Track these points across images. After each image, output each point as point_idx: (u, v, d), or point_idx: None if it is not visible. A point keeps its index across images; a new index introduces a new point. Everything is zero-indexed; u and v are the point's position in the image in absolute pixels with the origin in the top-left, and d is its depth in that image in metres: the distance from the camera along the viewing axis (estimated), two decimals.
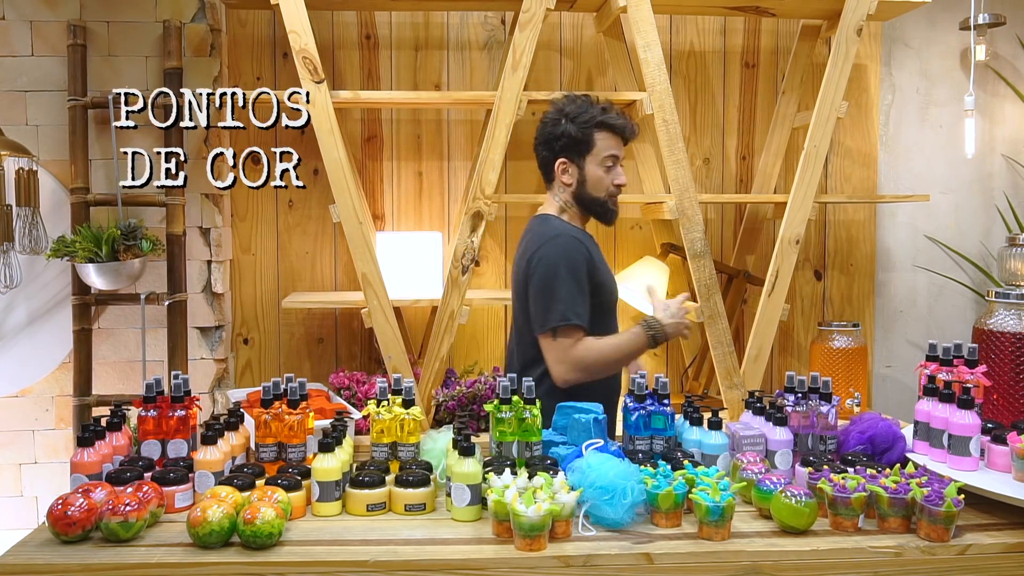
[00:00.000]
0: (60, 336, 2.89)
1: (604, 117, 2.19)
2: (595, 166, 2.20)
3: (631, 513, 1.56)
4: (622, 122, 2.22)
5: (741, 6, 2.93)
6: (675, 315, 2.16)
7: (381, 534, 1.55)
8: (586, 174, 2.21)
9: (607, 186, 2.21)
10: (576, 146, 2.20)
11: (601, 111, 2.21)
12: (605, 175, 2.21)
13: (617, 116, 2.22)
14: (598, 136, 2.19)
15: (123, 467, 1.69)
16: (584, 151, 2.20)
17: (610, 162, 2.20)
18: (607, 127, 2.19)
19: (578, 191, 2.23)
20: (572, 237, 2.15)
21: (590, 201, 2.23)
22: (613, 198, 2.24)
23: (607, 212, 2.25)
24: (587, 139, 2.19)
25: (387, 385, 1.99)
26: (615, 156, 2.21)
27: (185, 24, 2.87)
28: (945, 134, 3.30)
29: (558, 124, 2.22)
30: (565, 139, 2.21)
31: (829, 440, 1.82)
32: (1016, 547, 1.52)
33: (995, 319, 2.04)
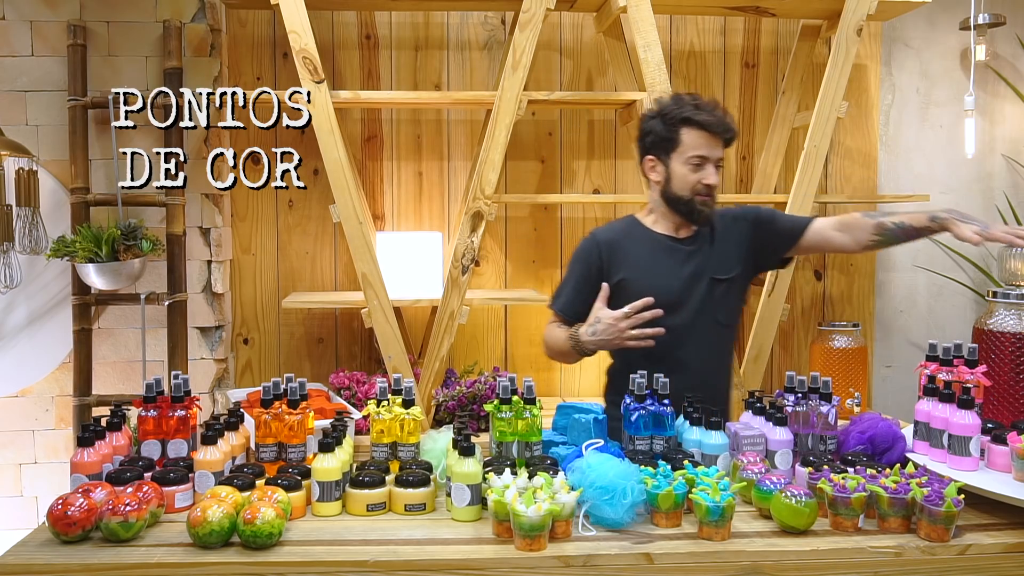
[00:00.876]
0: (60, 336, 2.89)
1: (692, 114, 2.11)
2: (681, 164, 2.12)
3: (631, 513, 1.56)
4: (712, 119, 2.11)
5: (741, 6, 2.93)
6: (598, 333, 2.07)
7: (381, 534, 1.55)
8: (672, 171, 2.15)
9: (692, 184, 2.12)
10: (662, 143, 2.15)
11: (693, 108, 2.12)
12: (691, 173, 2.12)
13: (708, 114, 2.11)
14: (685, 133, 2.11)
15: (123, 467, 1.69)
16: (670, 148, 2.14)
17: (697, 161, 2.11)
18: (695, 124, 2.11)
19: (664, 189, 2.17)
20: (593, 238, 2.24)
21: (676, 200, 2.15)
22: (701, 197, 2.13)
23: (694, 212, 2.15)
24: (673, 136, 2.13)
25: (387, 385, 1.99)
26: (703, 156, 2.11)
27: (185, 24, 2.87)
28: (945, 134, 3.30)
29: (650, 120, 2.18)
30: (652, 136, 2.17)
31: (829, 440, 1.82)
32: (1016, 547, 1.52)
33: (995, 319, 2.04)
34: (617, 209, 3.21)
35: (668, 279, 2.17)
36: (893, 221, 2.12)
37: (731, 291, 2.21)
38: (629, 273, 2.18)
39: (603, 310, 2.08)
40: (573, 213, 3.21)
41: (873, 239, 2.14)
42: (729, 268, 2.20)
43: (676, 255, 2.19)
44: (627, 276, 2.18)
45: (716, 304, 2.18)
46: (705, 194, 2.14)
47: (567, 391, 3.24)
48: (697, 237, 2.21)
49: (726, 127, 2.13)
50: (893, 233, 2.12)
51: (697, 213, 2.15)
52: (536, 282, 3.21)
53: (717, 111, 2.14)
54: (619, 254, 2.20)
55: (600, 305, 2.09)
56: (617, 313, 2.04)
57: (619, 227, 2.27)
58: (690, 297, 2.16)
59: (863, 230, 2.15)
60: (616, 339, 2.06)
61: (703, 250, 2.20)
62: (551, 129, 3.19)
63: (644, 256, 2.19)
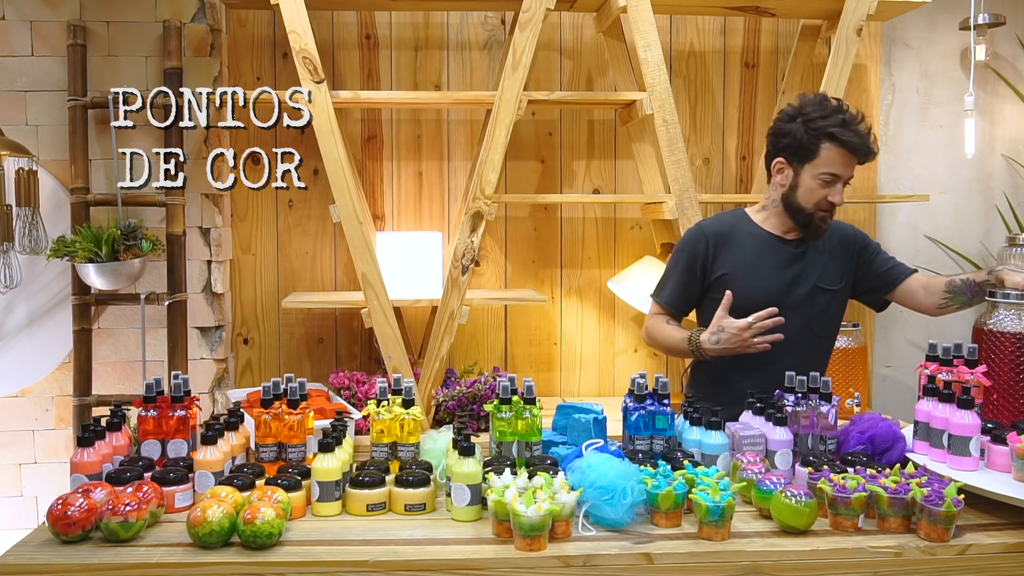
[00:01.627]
0: (60, 336, 2.89)
1: (838, 130, 2.05)
2: (811, 177, 2.09)
3: (631, 513, 1.56)
4: (857, 141, 2.05)
5: (741, 6, 2.93)
6: (722, 341, 2.06)
7: (381, 534, 1.55)
8: (800, 181, 2.11)
9: (818, 200, 2.10)
10: (799, 150, 2.10)
11: (840, 123, 2.06)
12: (820, 188, 2.09)
13: (855, 133, 2.06)
14: (825, 148, 2.07)
15: (123, 467, 1.69)
16: (805, 158, 2.10)
17: (829, 178, 2.08)
18: (839, 142, 2.05)
19: (788, 195, 2.14)
20: (700, 229, 2.24)
21: (796, 210, 2.13)
22: (822, 212, 2.11)
23: (811, 226, 2.13)
24: (812, 146, 2.08)
25: (387, 385, 1.99)
26: (836, 175, 2.08)
27: (185, 24, 2.87)
28: (945, 134, 3.30)
29: (790, 121, 2.13)
30: (790, 139, 2.12)
31: (829, 440, 1.82)
32: (1016, 547, 1.52)
33: (995, 319, 2.04)
34: (617, 209, 3.22)
35: (770, 279, 2.16)
36: (960, 278, 2.16)
37: (832, 304, 2.21)
38: (732, 268, 2.17)
39: (726, 319, 2.06)
40: (573, 213, 3.21)
41: (945, 298, 2.17)
42: (833, 281, 2.20)
43: (781, 255, 2.18)
44: (729, 272, 2.17)
45: (815, 313, 2.18)
46: (826, 210, 2.12)
47: (567, 391, 3.24)
48: (805, 241, 2.21)
49: (868, 150, 2.09)
50: (960, 289, 2.15)
51: (815, 228, 2.14)
52: (536, 282, 3.21)
53: (862, 128, 2.08)
54: (725, 248, 2.19)
55: (722, 314, 2.07)
56: (741, 323, 2.03)
57: (728, 220, 2.26)
58: (789, 300, 2.15)
59: (937, 291, 2.18)
60: (739, 347, 2.06)
61: (809, 255, 2.19)
62: (551, 129, 3.19)
63: (749, 253, 2.18)
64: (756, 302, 2.08)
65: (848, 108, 2.11)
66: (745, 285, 2.14)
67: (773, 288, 2.15)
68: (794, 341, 2.12)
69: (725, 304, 2.08)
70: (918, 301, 2.22)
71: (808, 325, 2.18)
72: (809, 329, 2.18)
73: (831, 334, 2.26)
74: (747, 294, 2.12)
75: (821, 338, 2.22)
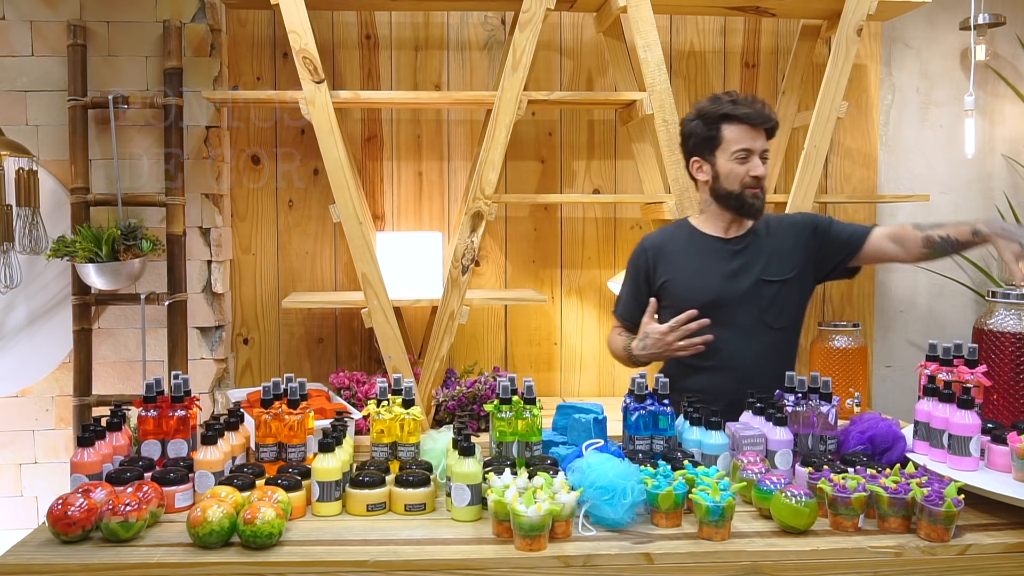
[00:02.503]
0: (60, 336, 2.89)
1: (730, 109, 2.14)
2: (726, 160, 2.15)
3: (631, 513, 1.56)
4: (751, 112, 2.14)
5: (741, 6, 2.93)
6: (648, 347, 2.12)
7: (381, 534, 1.55)
8: (718, 169, 2.17)
9: (741, 177, 2.14)
10: (705, 143, 2.18)
11: (730, 104, 2.15)
12: (738, 167, 2.14)
13: (746, 107, 2.14)
14: (726, 129, 2.15)
15: (123, 467, 1.69)
16: (714, 146, 2.17)
17: (742, 154, 2.14)
18: (734, 119, 2.14)
19: (714, 187, 2.19)
20: (641, 244, 2.33)
21: (726, 196, 2.18)
22: (751, 189, 2.15)
23: (745, 205, 2.17)
24: (713, 132, 2.16)
25: (387, 385, 1.99)
26: (747, 149, 2.14)
27: (185, 24, 2.87)
28: (945, 134, 3.30)
29: (690, 123, 2.21)
30: (694, 138, 2.20)
31: (829, 440, 1.82)
32: (1016, 547, 1.52)
33: (995, 319, 2.04)
34: (617, 209, 3.22)
35: (708, 277, 2.20)
36: (939, 235, 2.15)
37: (782, 294, 2.20)
38: (672, 275, 2.22)
39: (650, 325, 2.13)
40: (573, 213, 3.21)
41: (923, 252, 2.16)
42: (781, 271, 2.20)
43: (719, 254, 2.22)
44: (670, 278, 2.23)
45: (765, 305, 2.19)
46: (754, 186, 2.16)
47: (567, 391, 3.24)
48: (747, 237, 2.23)
49: (766, 117, 2.16)
50: (940, 247, 2.14)
51: (748, 206, 2.17)
52: (536, 282, 3.21)
53: (756, 103, 2.17)
54: (664, 257, 2.25)
55: (647, 320, 2.14)
56: (663, 328, 2.09)
57: (669, 230, 2.35)
58: (733, 296, 2.17)
59: (914, 242, 2.17)
60: (666, 351, 2.11)
61: (751, 249, 2.21)
62: (551, 129, 3.19)
63: (687, 257, 2.22)
64: (697, 303, 2.12)
65: (738, 93, 2.20)
66: (685, 288, 2.20)
67: (713, 287, 2.18)
68: (749, 335, 2.17)
69: (650, 311, 2.14)
70: (891, 255, 2.21)
71: (760, 318, 2.19)
72: (762, 321, 2.19)
73: (790, 324, 2.24)
74: (688, 296, 2.18)
75: (778, 329, 2.21)
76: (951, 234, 2.12)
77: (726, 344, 2.15)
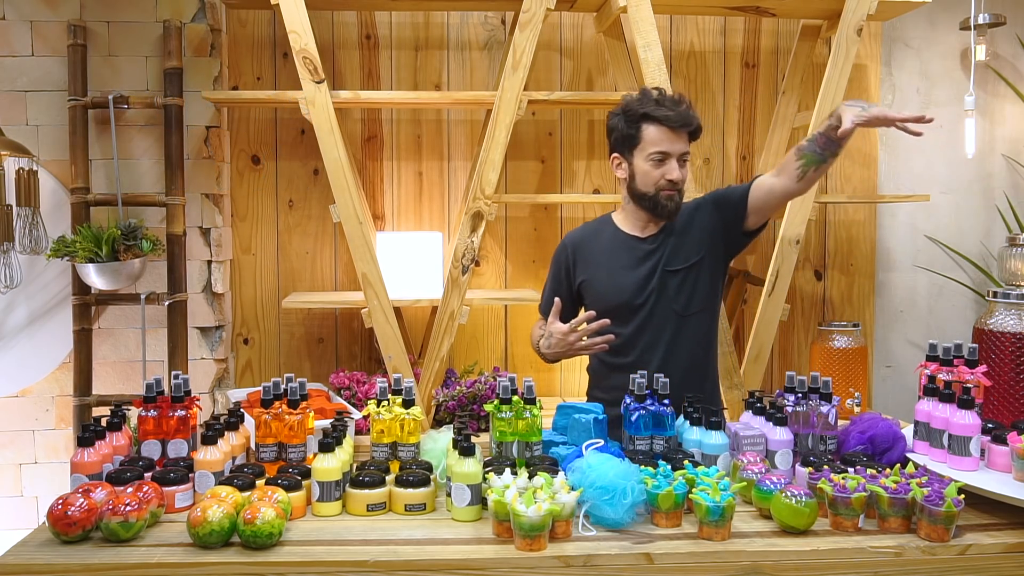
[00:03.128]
0: (60, 336, 2.89)
1: (651, 110, 2.10)
2: (643, 161, 2.13)
3: (631, 513, 1.56)
4: (672, 115, 2.10)
5: (741, 6, 2.93)
6: (552, 346, 2.12)
7: (381, 534, 1.55)
8: (635, 168, 2.16)
9: (656, 180, 2.12)
10: (625, 140, 2.16)
11: (653, 104, 2.12)
12: (653, 169, 2.12)
13: (669, 109, 2.11)
14: (645, 129, 2.12)
15: (123, 467, 1.69)
16: (632, 145, 2.15)
17: (659, 156, 2.11)
18: (654, 120, 2.10)
19: (630, 186, 2.18)
20: (562, 241, 2.34)
21: (641, 196, 2.16)
22: (666, 192, 2.13)
23: (658, 207, 2.15)
24: (634, 131, 2.14)
25: (387, 385, 1.99)
26: (664, 152, 2.11)
27: (185, 24, 2.87)
28: (945, 134, 3.30)
29: (614, 118, 2.19)
30: (616, 133, 2.18)
31: (829, 440, 1.82)
32: (1016, 547, 1.52)
33: (995, 319, 2.04)
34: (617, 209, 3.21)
35: (622, 278, 2.19)
36: (806, 139, 2.12)
37: (689, 279, 2.18)
38: (590, 274, 2.23)
39: (554, 324, 2.12)
40: (573, 213, 3.21)
41: (798, 166, 2.10)
42: (685, 257, 2.19)
43: (634, 253, 2.21)
44: (587, 277, 2.23)
45: (672, 295, 2.17)
46: (669, 189, 2.13)
47: (567, 391, 3.24)
48: (660, 234, 2.22)
49: (686, 121, 2.11)
50: (810, 149, 2.09)
51: (662, 208, 2.15)
52: (536, 282, 3.21)
53: (680, 106, 2.13)
54: (582, 256, 2.25)
55: (552, 319, 2.13)
56: (564, 328, 2.08)
57: (591, 227, 2.34)
58: (644, 293, 2.17)
59: (790, 162, 2.12)
60: (569, 351, 2.11)
61: (662, 247, 2.20)
62: (551, 129, 3.19)
63: (604, 256, 2.22)
64: (612, 302, 2.14)
65: (665, 92, 2.16)
66: (601, 288, 2.21)
67: (625, 287, 2.18)
68: (662, 327, 2.17)
69: (555, 311, 2.13)
70: (778, 189, 2.15)
71: (670, 308, 2.17)
72: (672, 311, 2.17)
73: (702, 308, 2.20)
74: (604, 296, 2.19)
75: (690, 315, 2.18)
76: (813, 132, 2.11)
77: (641, 340, 2.16)
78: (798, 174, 2.10)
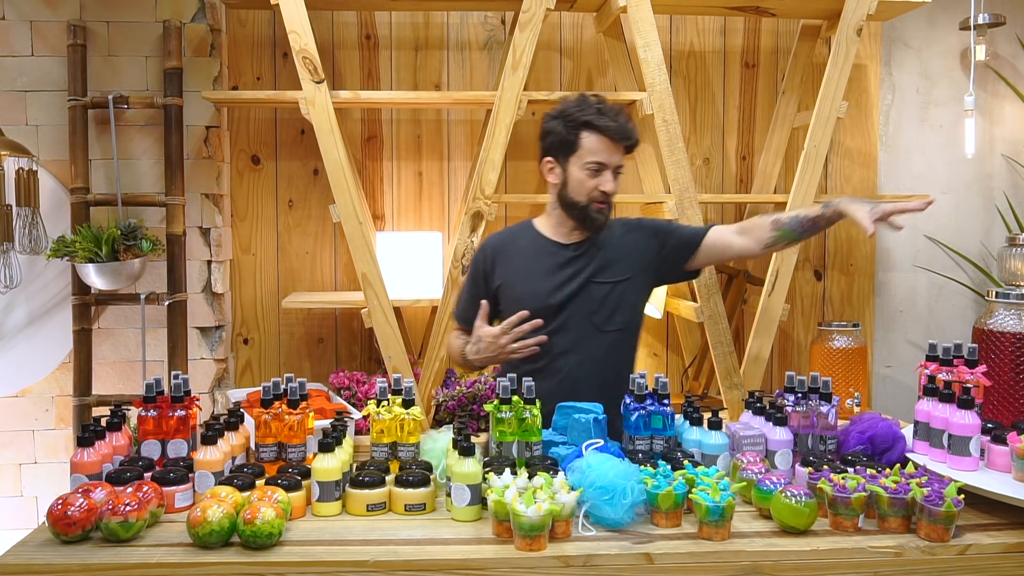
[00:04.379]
0: (60, 336, 2.89)
1: (592, 118, 2.06)
2: (579, 169, 2.09)
3: (631, 513, 1.56)
4: (613, 126, 2.06)
5: (741, 6, 2.93)
6: (481, 351, 2.06)
7: (381, 534, 1.55)
8: (569, 175, 2.11)
9: (589, 191, 2.09)
10: (561, 146, 2.11)
11: (596, 112, 2.07)
12: (588, 179, 2.08)
13: (611, 119, 2.07)
14: (585, 138, 2.08)
15: (123, 467, 1.69)
16: (569, 152, 2.10)
17: (595, 166, 2.08)
18: (595, 129, 2.06)
19: (561, 193, 2.14)
20: (482, 245, 2.27)
21: (571, 205, 2.12)
22: (597, 204, 2.10)
23: (588, 218, 2.12)
24: (572, 138, 2.09)
25: (387, 385, 1.99)
26: (601, 163, 2.08)
27: (185, 24, 2.87)
28: (945, 134, 3.30)
29: (551, 120, 2.14)
30: (552, 137, 2.13)
31: (829, 440, 1.82)
32: (1016, 547, 1.52)
33: (995, 319, 2.04)
34: (617, 209, 3.20)
35: (540, 283, 2.15)
36: (788, 215, 2.13)
37: (614, 295, 2.15)
38: (506, 279, 2.18)
39: (483, 328, 2.07)
40: None
41: (771, 236, 2.13)
42: (615, 273, 2.16)
43: (555, 259, 2.17)
44: (504, 281, 2.19)
45: (594, 306, 2.15)
46: (601, 201, 2.11)
47: None
48: (585, 243, 2.18)
49: (627, 134, 2.09)
50: (790, 227, 2.11)
51: (591, 220, 2.12)
52: None
53: (620, 117, 2.10)
54: (501, 260, 2.20)
55: (480, 323, 2.08)
56: (495, 331, 2.03)
57: (512, 231, 2.29)
58: (561, 299, 2.13)
59: (762, 229, 2.14)
60: (500, 355, 2.06)
61: (587, 255, 2.17)
62: None
63: (524, 261, 2.18)
64: (527, 306, 2.07)
65: (605, 100, 2.13)
66: (518, 292, 2.16)
67: (542, 292, 2.14)
68: (578, 339, 2.14)
69: (482, 314, 2.09)
70: (736, 247, 2.17)
71: (589, 320, 2.14)
72: (591, 324, 2.14)
73: (623, 326, 2.18)
74: (520, 300, 2.12)
75: (609, 332, 2.16)
76: (801, 212, 2.13)
77: (555, 348, 2.10)
78: (767, 243, 2.15)
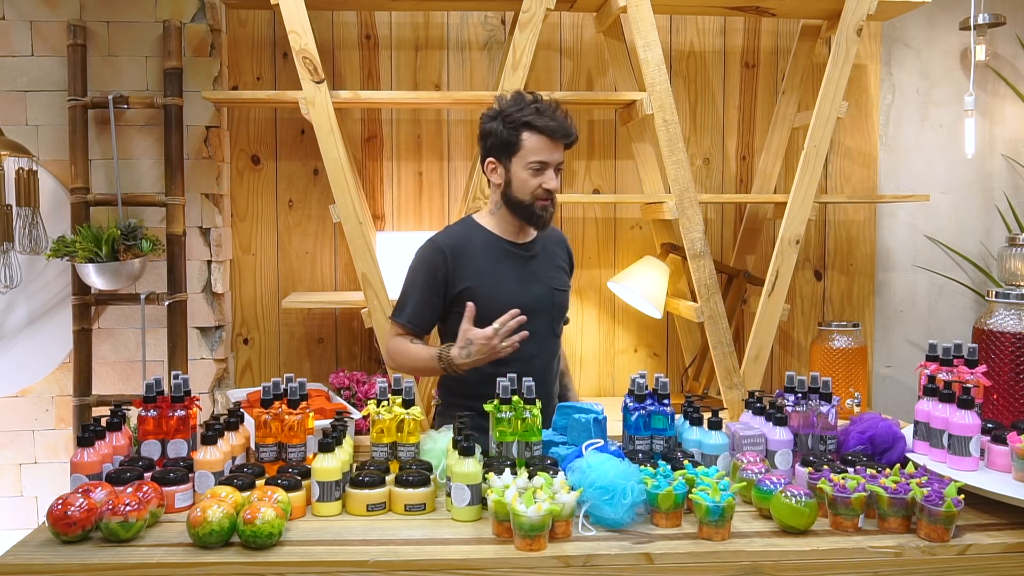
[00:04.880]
0: (60, 336, 2.89)
1: (532, 118, 2.06)
2: (521, 168, 2.09)
3: (631, 513, 1.56)
4: (553, 125, 2.07)
5: (741, 6, 2.93)
6: (473, 354, 2.00)
7: (381, 534, 1.55)
8: (512, 175, 2.11)
9: (533, 189, 2.09)
10: (503, 146, 2.11)
11: (535, 111, 2.07)
12: (532, 178, 2.09)
13: (550, 118, 2.08)
14: (526, 138, 2.07)
15: (123, 467, 1.69)
16: (511, 152, 2.10)
17: (537, 165, 2.08)
18: (535, 129, 2.07)
19: (506, 192, 2.14)
20: (434, 243, 2.18)
21: (516, 204, 2.13)
22: (541, 202, 2.11)
23: (534, 216, 2.12)
24: (513, 139, 2.09)
25: (387, 385, 1.99)
26: (543, 161, 2.08)
27: (185, 24, 2.87)
28: (945, 134, 3.30)
29: (491, 121, 2.13)
30: (493, 137, 2.12)
31: (829, 440, 1.82)
32: (1016, 547, 1.52)
33: (995, 319, 2.04)
34: (617, 209, 3.22)
35: (510, 285, 2.16)
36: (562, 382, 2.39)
37: (562, 303, 2.26)
38: (474, 281, 2.14)
39: (472, 330, 2.02)
40: (573, 213, 3.21)
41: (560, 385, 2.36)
42: (563, 282, 2.27)
43: (516, 259, 2.19)
44: (471, 284, 2.14)
45: (556, 315, 2.25)
46: (545, 198, 2.12)
47: None
48: (534, 244, 2.23)
49: (567, 132, 2.10)
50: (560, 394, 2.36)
51: (537, 217, 2.14)
52: None
53: (558, 114, 2.11)
54: (463, 260, 2.16)
55: (467, 326, 2.03)
56: (488, 332, 1.99)
57: (460, 231, 2.23)
58: (531, 302, 2.13)
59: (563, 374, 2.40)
60: (491, 355, 2.03)
61: (539, 258, 2.23)
62: None
63: (487, 262, 2.17)
64: (500, 311, 2.03)
65: (542, 98, 2.13)
66: (488, 295, 2.12)
67: (514, 294, 2.14)
68: (541, 342, 2.17)
69: (468, 316, 2.04)
70: None
71: (550, 325, 2.22)
72: (551, 329, 2.22)
73: (558, 335, 2.30)
74: (492, 304, 2.08)
75: (557, 336, 2.28)
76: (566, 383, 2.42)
77: (523, 351, 2.08)
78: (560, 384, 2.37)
